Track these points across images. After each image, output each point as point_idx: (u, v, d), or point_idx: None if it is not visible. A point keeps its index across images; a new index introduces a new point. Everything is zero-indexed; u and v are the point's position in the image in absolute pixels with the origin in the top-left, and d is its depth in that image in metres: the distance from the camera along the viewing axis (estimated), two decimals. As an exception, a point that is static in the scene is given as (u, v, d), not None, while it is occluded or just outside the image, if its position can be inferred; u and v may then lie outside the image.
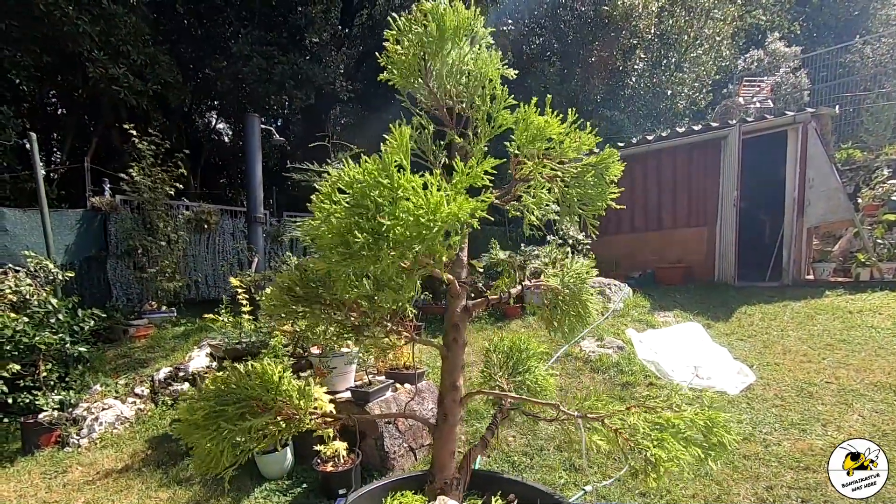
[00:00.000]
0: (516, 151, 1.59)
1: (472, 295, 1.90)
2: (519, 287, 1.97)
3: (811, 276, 7.67)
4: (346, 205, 1.20)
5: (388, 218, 1.15)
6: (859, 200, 8.30)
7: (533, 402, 1.99)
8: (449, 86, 1.65)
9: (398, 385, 3.95)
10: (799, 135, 7.33)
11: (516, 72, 1.78)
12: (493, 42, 1.73)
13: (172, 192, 7.97)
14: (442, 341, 1.84)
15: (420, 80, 1.66)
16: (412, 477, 2.08)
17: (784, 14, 18.56)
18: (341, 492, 3.21)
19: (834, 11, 19.01)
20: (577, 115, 1.49)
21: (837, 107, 8.58)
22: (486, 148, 1.67)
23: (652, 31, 13.50)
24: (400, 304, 1.40)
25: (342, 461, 3.27)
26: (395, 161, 1.19)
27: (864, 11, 17.34)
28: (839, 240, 8.26)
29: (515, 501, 1.90)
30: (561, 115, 1.50)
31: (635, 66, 13.90)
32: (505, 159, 1.48)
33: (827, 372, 4.27)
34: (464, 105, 1.71)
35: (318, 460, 3.30)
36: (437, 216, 1.12)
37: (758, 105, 11.63)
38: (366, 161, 1.20)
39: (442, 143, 1.72)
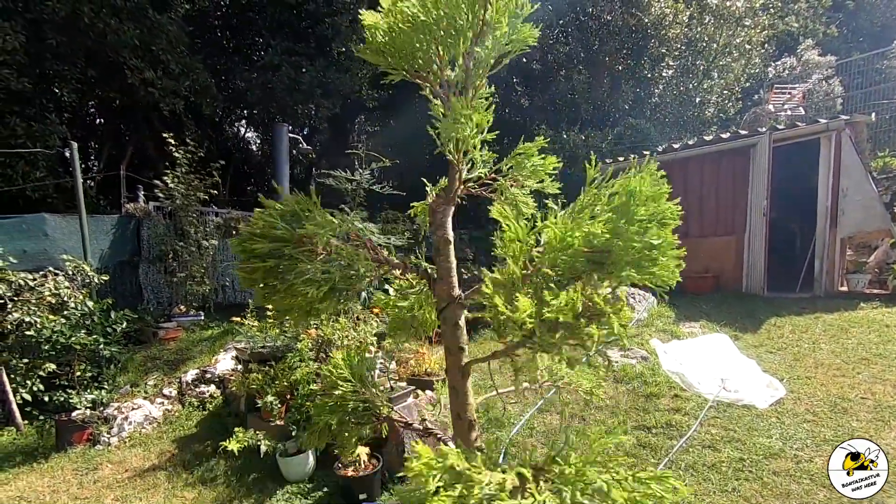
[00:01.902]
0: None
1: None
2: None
3: (845, 288, 7.41)
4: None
5: None
6: (896, 210, 8.01)
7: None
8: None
9: (419, 392, 3.97)
10: (832, 142, 7.12)
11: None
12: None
13: (205, 199, 8.21)
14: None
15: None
16: None
17: (817, 19, 18.09)
18: (362, 496, 3.23)
19: (870, 16, 18.48)
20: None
21: (874, 114, 8.30)
22: None
23: (681, 39, 13.33)
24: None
25: (363, 466, 3.29)
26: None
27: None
28: (875, 251, 7.96)
29: None
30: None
31: (663, 74, 13.73)
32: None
33: (862, 387, 4.11)
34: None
35: (339, 464, 3.33)
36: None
37: (788, 113, 11.35)
38: None
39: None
